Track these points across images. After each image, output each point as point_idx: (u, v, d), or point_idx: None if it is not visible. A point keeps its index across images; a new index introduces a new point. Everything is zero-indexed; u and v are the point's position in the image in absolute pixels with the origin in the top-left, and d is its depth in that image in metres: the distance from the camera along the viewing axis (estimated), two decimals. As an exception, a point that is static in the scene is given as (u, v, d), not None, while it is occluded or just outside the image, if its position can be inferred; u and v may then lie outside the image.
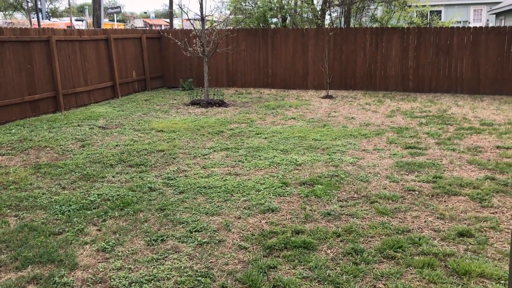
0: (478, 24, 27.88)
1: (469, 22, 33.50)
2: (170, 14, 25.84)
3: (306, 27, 15.69)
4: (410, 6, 15.19)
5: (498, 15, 27.67)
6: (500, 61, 13.13)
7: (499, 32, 13.11)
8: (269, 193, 5.37)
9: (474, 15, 34.99)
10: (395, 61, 14.01)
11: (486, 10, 32.76)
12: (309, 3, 16.67)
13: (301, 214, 4.74)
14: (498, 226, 4.40)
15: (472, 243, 4.08)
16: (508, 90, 13.15)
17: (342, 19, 16.10)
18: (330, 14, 16.68)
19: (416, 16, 16.31)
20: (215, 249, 4.02)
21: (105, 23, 35.98)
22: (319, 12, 16.59)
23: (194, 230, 4.39)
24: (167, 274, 3.61)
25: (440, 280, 3.47)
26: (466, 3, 34.96)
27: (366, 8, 16.24)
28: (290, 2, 17.32)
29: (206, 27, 12.65)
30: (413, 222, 4.53)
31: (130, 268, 3.72)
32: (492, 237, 4.20)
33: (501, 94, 13.19)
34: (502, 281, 3.44)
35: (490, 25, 25.57)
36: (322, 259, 3.81)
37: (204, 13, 12.19)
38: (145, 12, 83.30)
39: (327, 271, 3.61)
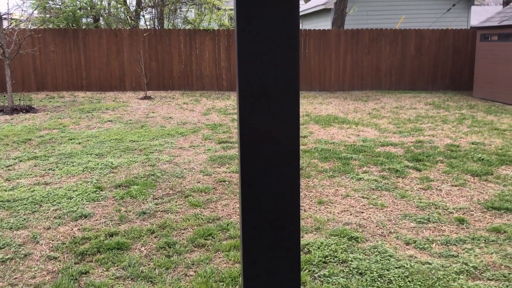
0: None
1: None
2: (-39, 11, 22.70)
3: (120, 27, 15.38)
4: (219, 9, 16.02)
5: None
6: (302, 61, 14.72)
7: (301, 34, 14.66)
8: (82, 199, 5.21)
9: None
10: (209, 61, 14.65)
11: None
12: (122, 3, 16.36)
13: (116, 217, 4.72)
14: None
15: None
16: (310, 87, 14.83)
17: (156, 21, 16.20)
18: (143, 16, 16.62)
19: (227, 19, 17.26)
20: (21, 264, 3.79)
21: None
22: (133, 13, 16.40)
23: (-5, 247, 4.05)
24: (-38, 298, 3.29)
25: (244, 259, 3.84)
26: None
27: (178, 10, 16.61)
28: (102, 2, 16.74)
29: (8, 26, 11.51)
30: (223, 210, 4.89)
31: None
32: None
33: (311, 90, 14.73)
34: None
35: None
36: (135, 257, 3.88)
37: (6, 10, 11.08)
38: None
39: (141, 268, 3.70)
